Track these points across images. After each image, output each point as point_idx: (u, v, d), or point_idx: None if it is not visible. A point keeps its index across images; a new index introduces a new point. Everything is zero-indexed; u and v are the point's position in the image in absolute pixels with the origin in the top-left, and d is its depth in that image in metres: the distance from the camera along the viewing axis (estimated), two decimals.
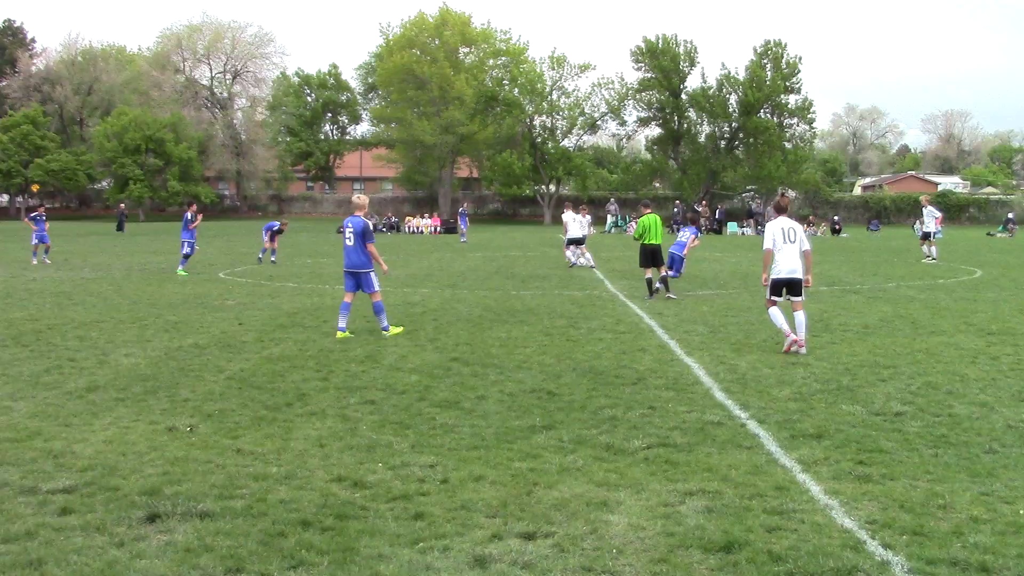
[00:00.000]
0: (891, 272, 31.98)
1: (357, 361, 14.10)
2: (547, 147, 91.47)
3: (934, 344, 15.86)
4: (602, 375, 12.99)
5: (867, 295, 24.06)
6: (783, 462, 8.79)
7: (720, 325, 18.07)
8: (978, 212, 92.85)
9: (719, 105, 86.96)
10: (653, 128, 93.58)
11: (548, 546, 6.71)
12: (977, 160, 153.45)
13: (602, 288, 25.84)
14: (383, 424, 10.24)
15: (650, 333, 17.05)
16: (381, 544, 6.74)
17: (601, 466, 8.63)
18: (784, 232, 15.12)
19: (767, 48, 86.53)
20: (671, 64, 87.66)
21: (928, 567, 6.33)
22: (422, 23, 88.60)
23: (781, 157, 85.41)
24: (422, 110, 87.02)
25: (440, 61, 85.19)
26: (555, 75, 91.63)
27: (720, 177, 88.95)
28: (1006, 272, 32.19)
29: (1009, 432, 9.91)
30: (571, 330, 17.30)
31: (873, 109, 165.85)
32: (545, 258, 38.75)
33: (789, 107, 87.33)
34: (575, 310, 20.39)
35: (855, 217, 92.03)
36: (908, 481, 8.20)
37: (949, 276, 30.40)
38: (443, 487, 8.03)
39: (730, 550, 6.61)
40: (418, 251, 46.09)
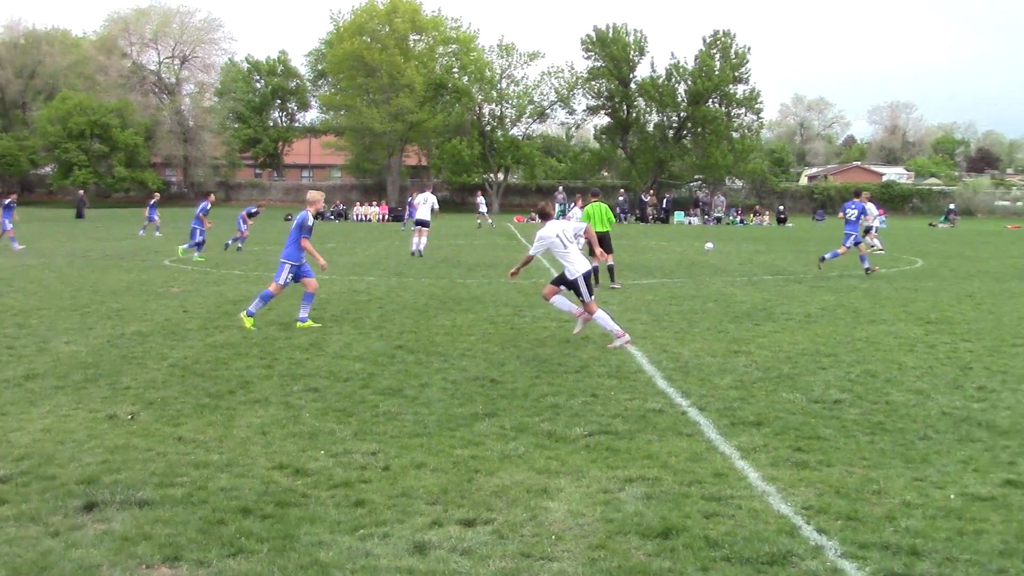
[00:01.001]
0: (834, 262, 32.30)
1: (301, 349, 14.06)
2: (496, 135, 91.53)
3: (874, 333, 16.06)
4: (545, 363, 13.04)
5: (810, 284, 24.32)
6: (723, 449, 8.88)
7: (664, 314, 18.20)
8: (921, 203, 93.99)
9: (668, 94, 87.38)
10: (602, 117, 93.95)
11: (488, 532, 6.75)
12: (921, 151, 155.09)
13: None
14: (326, 412, 10.23)
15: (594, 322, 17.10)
16: (321, 531, 6.74)
17: (542, 453, 8.67)
18: (563, 237, 14.91)
19: (716, 38, 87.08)
20: (621, 53, 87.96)
21: (860, 551, 6.44)
22: (372, 10, 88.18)
23: (728, 147, 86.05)
24: (371, 97, 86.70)
25: (390, 48, 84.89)
26: (504, 63, 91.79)
27: (668, 166, 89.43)
28: (946, 262, 32.66)
29: (943, 419, 10.07)
30: (516, 318, 17.36)
31: (820, 100, 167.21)
32: (492, 246, 38.76)
33: (737, 97, 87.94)
34: (520, 298, 20.45)
35: (801, 207, 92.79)
36: (844, 467, 8.32)
37: (891, 266, 30.81)
38: (384, 474, 8.04)
39: (668, 536, 6.68)
40: (365, 239, 45.94)
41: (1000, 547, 6.51)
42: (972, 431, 9.58)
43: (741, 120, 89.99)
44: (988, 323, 17.33)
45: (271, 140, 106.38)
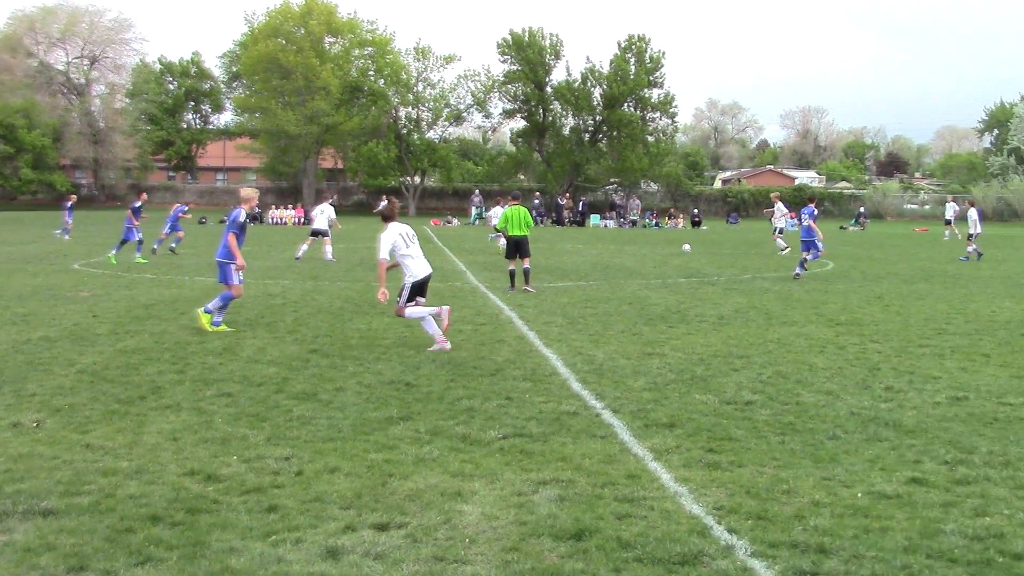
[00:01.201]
0: (748, 264, 32.73)
1: (215, 353, 13.90)
2: (412, 138, 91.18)
3: (785, 334, 16.29)
4: (460, 366, 13.04)
5: (723, 287, 24.59)
6: (636, 451, 8.94)
7: (579, 316, 18.28)
8: (832, 206, 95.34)
9: (583, 98, 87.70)
10: (518, 120, 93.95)
11: (401, 536, 6.73)
12: (832, 155, 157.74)
13: (464, 280, 25.92)
14: (239, 417, 10.12)
15: (509, 325, 17.17)
16: (232, 537, 6.67)
17: (457, 456, 8.67)
18: (404, 237, 14.86)
19: (631, 42, 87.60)
20: (536, 57, 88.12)
21: (770, 550, 6.53)
22: (287, 12, 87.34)
23: (643, 150, 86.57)
24: (287, 100, 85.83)
25: (305, 51, 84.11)
26: (421, 66, 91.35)
27: (584, 170, 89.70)
28: (856, 264, 33.23)
29: (852, 419, 10.24)
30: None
31: (734, 104, 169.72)
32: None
33: (652, 101, 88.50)
34: (436, 302, 20.35)
35: (715, 210, 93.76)
36: (755, 467, 8.43)
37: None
38: (298, 479, 7.98)
39: (580, 537, 6.71)
40: (280, 242, 45.53)
41: (904, 543, 6.64)
42: (879, 431, 9.75)
43: (656, 124, 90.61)
44: (896, 324, 17.67)
45: (184, 142, 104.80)
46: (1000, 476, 8.21)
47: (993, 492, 7.79)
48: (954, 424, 10.07)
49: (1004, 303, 21.29)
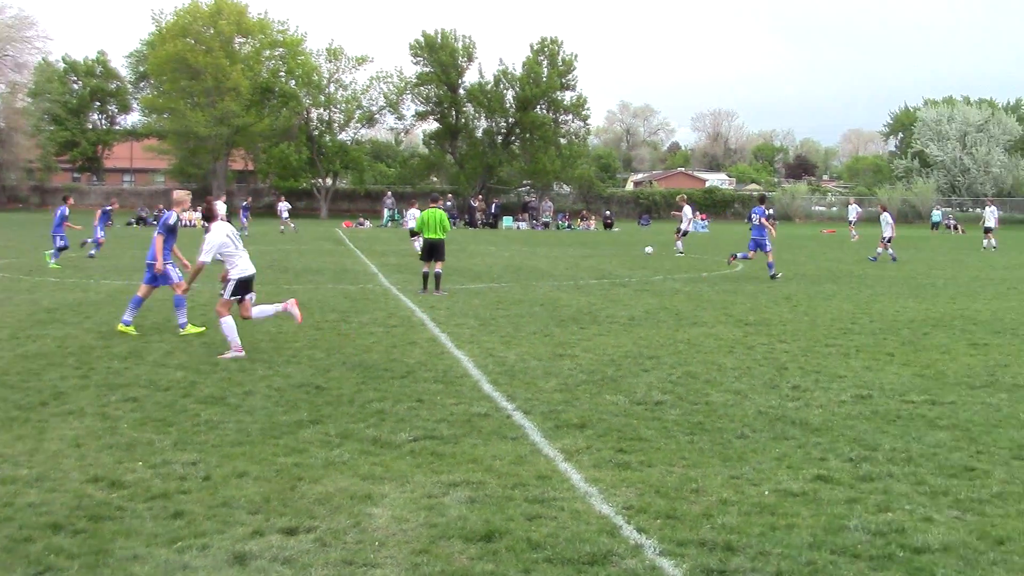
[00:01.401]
0: (659, 265, 33.00)
1: (120, 358, 13.65)
2: (324, 140, 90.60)
3: (695, 335, 16.44)
4: (371, 369, 12.97)
5: (635, 288, 24.77)
6: (546, 452, 8.96)
7: (491, 318, 18.28)
8: (742, 208, 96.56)
9: (496, 100, 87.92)
10: (431, 122, 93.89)
11: (310, 541, 6.66)
12: (742, 158, 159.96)
13: (376, 282, 25.80)
14: (145, 422, 9.95)
15: (421, 327, 17.11)
16: (137, 544, 6.55)
17: (367, 459, 8.61)
18: (231, 238, 14.57)
19: (543, 45, 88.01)
20: (449, 59, 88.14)
21: (678, 548, 6.57)
22: (196, 11, 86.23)
23: (556, 153, 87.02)
24: (196, 101, 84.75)
25: (215, 51, 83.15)
26: (332, 68, 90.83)
27: (496, 172, 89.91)
28: (765, 266, 33.61)
29: (760, 418, 10.37)
30: (342, 324, 17.20)
31: (646, 107, 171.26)
32: (320, 252, 38.37)
33: (564, 103, 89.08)
34: (347, 304, 20.28)
35: (627, 212, 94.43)
36: (665, 467, 8.48)
37: (712, 269, 31.61)
38: (205, 484, 7.86)
39: (491, 539, 6.70)
40: (190, 244, 44.85)
41: (810, 540, 6.73)
42: (786, 429, 9.89)
43: (568, 126, 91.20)
44: (803, 324, 17.93)
45: (90, 143, 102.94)
46: (902, 472, 8.37)
47: (896, 488, 7.93)
48: (859, 422, 10.24)
49: (908, 303, 21.72)
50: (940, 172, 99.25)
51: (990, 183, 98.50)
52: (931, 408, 10.95)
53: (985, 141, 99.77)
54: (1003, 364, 13.89)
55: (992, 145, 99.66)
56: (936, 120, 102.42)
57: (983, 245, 45.56)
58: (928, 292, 24.44)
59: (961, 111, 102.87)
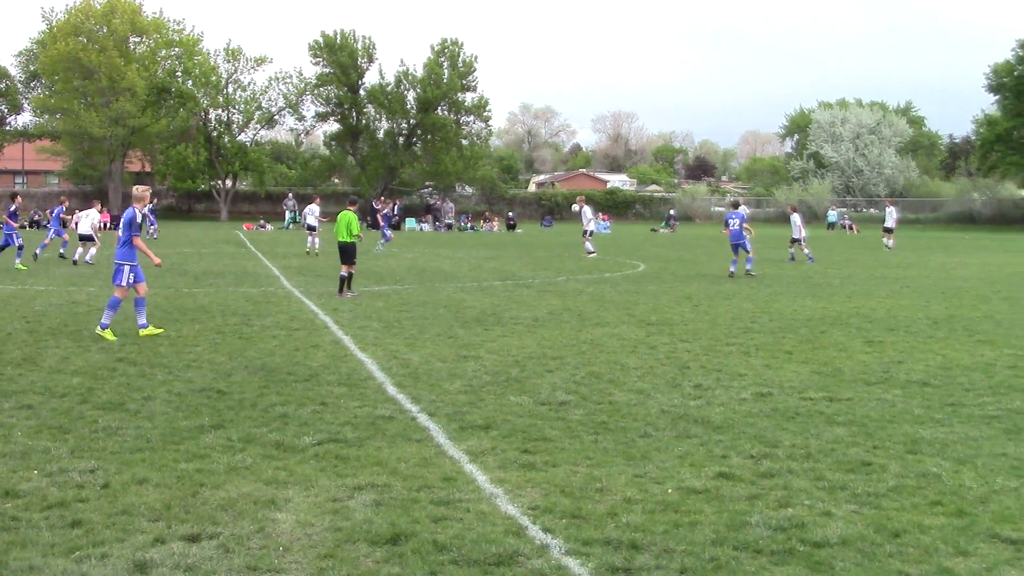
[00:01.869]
0: (562, 267, 33.17)
1: (14, 364, 13.33)
2: (223, 141, 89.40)
3: (599, 335, 16.56)
4: (274, 372, 12.85)
5: (538, 289, 24.87)
6: (451, 453, 8.96)
7: (394, 320, 18.22)
8: (643, 209, 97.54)
9: (397, 102, 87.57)
10: (332, 124, 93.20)
11: (213, 547, 6.58)
12: (643, 159, 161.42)
13: (278, 285, 25.55)
14: (40, 429, 9.73)
15: (324, 330, 16.99)
16: (33, 555, 6.40)
17: (270, 464, 8.53)
18: None
19: (444, 46, 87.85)
20: (349, 60, 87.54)
21: (584, 548, 6.62)
22: (88, 10, 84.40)
23: (458, 154, 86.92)
24: (90, 101, 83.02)
25: (109, 50, 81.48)
26: (231, 68, 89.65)
27: (399, 173, 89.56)
28: (667, 266, 34.05)
29: (663, 417, 10.49)
30: (244, 328, 17.01)
31: (547, 109, 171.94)
32: (220, 255, 37.89)
33: (466, 105, 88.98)
34: (249, 307, 20.06)
35: (530, 213, 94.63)
36: (569, 467, 8.54)
37: (615, 270, 31.86)
38: (104, 492, 7.72)
39: (397, 542, 6.69)
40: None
41: (712, 536, 6.82)
42: (689, 427, 10.01)
43: (470, 128, 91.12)
44: (704, 324, 18.17)
45: None
46: (802, 468, 8.52)
47: (796, 484, 8.07)
48: (759, 419, 10.42)
49: (806, 302, 22.12)
50: (835, 173, 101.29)
51: (883, 184, 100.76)
52: (829, 405, 11.18)
53: (877, 143, 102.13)
54: (897, 360, 14.22)
55: (884, 147, 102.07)
56: (830, 122, 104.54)
57: (885, 245, 46.47)
58: (825, 291, 24.92)
59: (854, 113, 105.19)
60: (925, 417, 10.61)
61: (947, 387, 12.30)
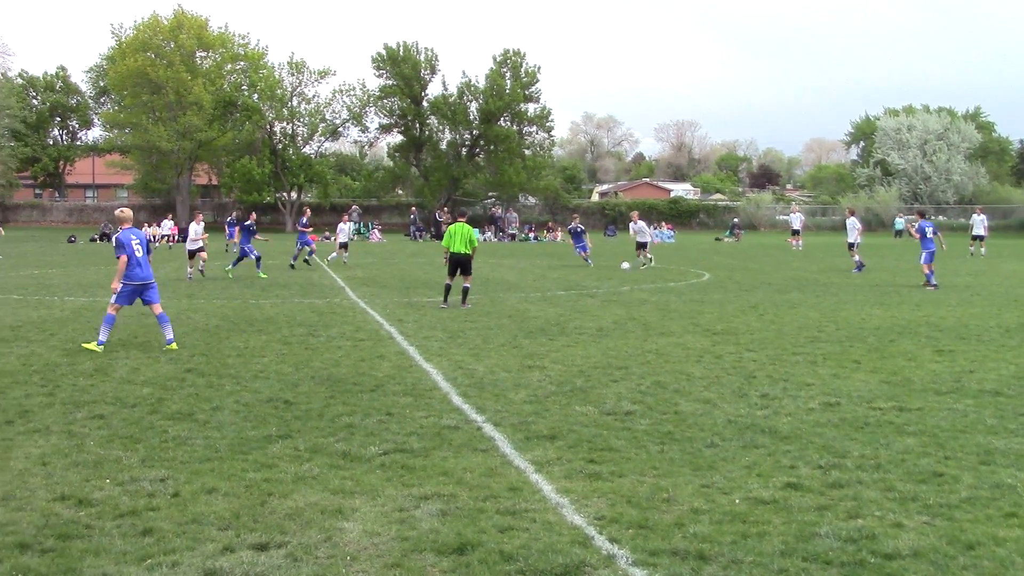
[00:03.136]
0: (626, 276, 33.05)
1: (86, 375, 13.55)
2: (288, 154, 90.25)
3: (664, 345, 16.49)
4: (340, 383, 12.92)
5: (602, 299, 24.81)
6: (517, 463, 8.96)
7: (459, 331, 18.26)
8: (707, 218, 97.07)
9: (460, 113, 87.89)
10: (395, 135, 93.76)
11: (281, 556, 6.62)
12: (706, 168, 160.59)
13: (343, 296, 25.71)
14: (112, 439, 9.88)
15: (389, 340, 17.07)
16: (106, 563, 6.49)
17: (337, 474, 8.58)
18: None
19: (506, 57, 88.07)
20: (412, 71, 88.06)
21: (651, 558, 6.58)
22: (156, 26, 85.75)
23: (521, 164, 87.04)
24: (158, 115, 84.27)
25: (176, 65, 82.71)
26: (295, 81, 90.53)
27: (462, 183, 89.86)
28: (732, 275, 33.81)
29: (729, 427, 10.41)
30: (310, 338, 17.14)
31: (609, 118, 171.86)
32: (286, 266, 38.21)
33: (528, 115, 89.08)
34: (315, 318, 20.21)
35: (593, 223, 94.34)
36: (635, 477, 8.50)
37: (679, 279, 31.70)
38: (174, 501, 7.81)
39: (463, 551, 6.69)
40: (154, 260, 44.57)
41: (781, 547, 6.75)
42: (756, 437, 9.93)
43: (533, 138, 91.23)
44: (771, 333, 18.02)
45: (51, 159, 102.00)
46: (871, 479, 8.41)
47: (865, 495, 7.97)
48: (827, 429, 10.30)
49: (873, 310, 21.87)
50: (902, 180, 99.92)
51: (951, 190, 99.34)
52: (899, 414, 11.03)
53: (945, 149, 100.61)
54: (968, 370, 14.00)
55: (952, 153, 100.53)
56: (896, 129, 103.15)
57: (970, 252, 45.96)
58: (893, 299, 24.62)
59: (921, 119, 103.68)
60: (998, 427, 10.44)
61: (1021, 397, 12.09)
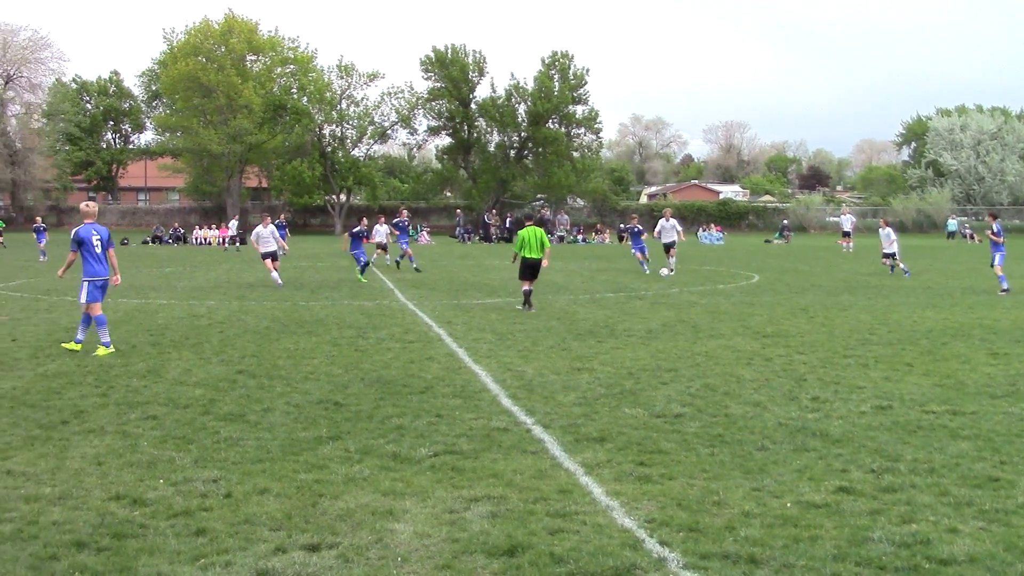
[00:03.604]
0: (674, 278, 32.92)
1: (139, 376, 13.70)
2: (337, 156, 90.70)
3: (713, 347, 16.41)
4: (390, 385, 12.98)
5: (651, 301, 24.73)
6: (567, 465, 8.95)
7: (508, 333, 18.27)
8: (756, 219, 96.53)
9: (508, 115, 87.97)
10: (443, 137, 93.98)
11: (333, 557, 6.67)
12: (755, 169, 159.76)
13: (392, 298, 25.81)
14: (165, 439, 9.98)
15: (438, 342, 17.11)
16: (160, 562, 6.57)
17: (387, 475, 8.62)
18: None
19: (555, 59, 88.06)
20: (460, 74, 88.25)
21: (702, 562, 6.56)
22: (207, 30, 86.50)
23: (570, 166, 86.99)
24: (209, 118, 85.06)
25: (226, 69, 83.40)
26: (344, 84, 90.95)
27: (510, 186, 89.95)
28: (781, 277, 33.60)
29: (780, 429, 10.34)
30: (360, 340, 17.22)
31: (658, 120, 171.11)
32: (336, 268, 38.41)
33: (576, 117, 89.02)
34: (364, 320, 20.30)
35: (641, 225, 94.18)
36: (686, 480, 8.47)
37: (729, 281, 31.55)
38: (226, 501, 7.88)
39: (513, 553, 6.70)
40: (205, 262, 45.08)
41: (834, 552, 6.70)
42: (807, 441, 9.86)
43: (581, 140, 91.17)
44: (821, 335, 17.89)
45: (104, 163, 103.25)
46: (925, 483, 8.34)
47: (919, 499, 7.90)
48: (879, 433, 10.21)
49: (926, 313, 21.65)
50: (955, 181, 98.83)
51: (1006, 192, 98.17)
52: (952, 418, 10.92)
53: (999, 149, 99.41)
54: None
55: (1007, 153, 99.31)
56: (949, 129, 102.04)
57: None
58: (946, 302, 24.37)
59: (974, 120, 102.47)
60: None
61: None
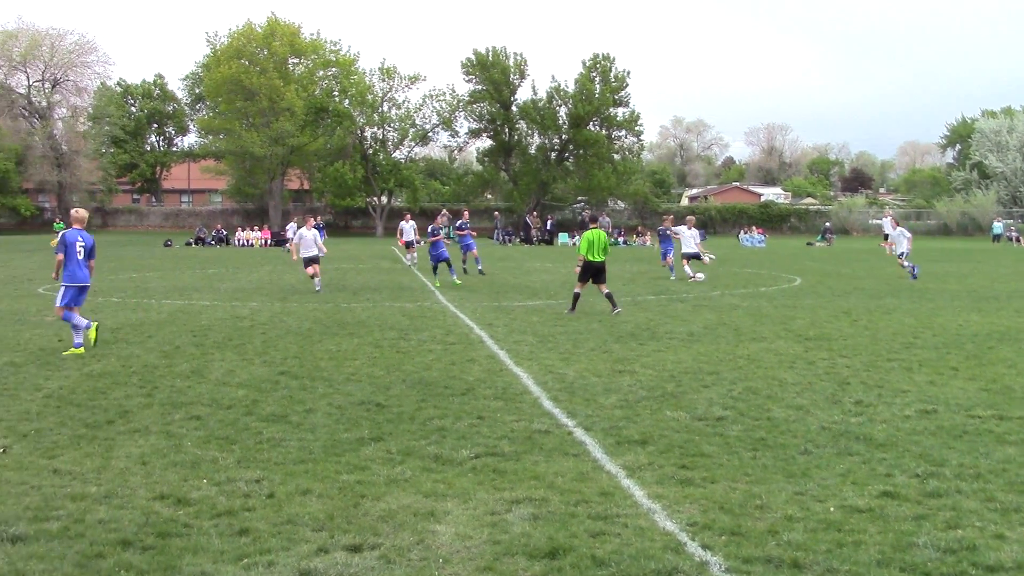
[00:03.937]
0: (716, 281, 32.79)
1: (182, 376, 13.80)
2: (378, 158, 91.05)
3: (755, 350, 16.34)
4: (431, 386, 13.01)
5: (693, 303, 24.65)
6: (608, 468, 8.94)
7: (549, 335, 18.26)
8: (798, 222, 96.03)
9: (549, 117, 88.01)
10: (484, 140, 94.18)
11: (374, 558, 6.69)
12: (797, 172, 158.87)
13: (433, 300, 25.87)
14: (208, 440, 10.05)
15: (480, 344, 17.14)
16: (204, 561, 6.61)
17: (429, 476, 8.64)
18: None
19: (596, 62, 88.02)
20: (501, 76, 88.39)
21: (744, 566, 6.53)
22: (250, 33, 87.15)
23: (611, 169, 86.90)
24: (251, 121, 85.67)
25: (269, 72, 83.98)
26: (385, 86, 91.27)
27: (551, 188, 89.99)
28: (824, 280, 33.37)
29: (823, 433, 10.28)
30: (401, 342, 17.27)
31: (699, 122, 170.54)
32: (377, 270, 38.57)
33: (617, 120, 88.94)
34: (406, 322, 20.36)
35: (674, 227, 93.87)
36: (728, 483, 8.43)
37: (771, 284, 31.39)
38: (269, 502, 7.93)
39: (555, 556, 6.69)
40: (247, 264, 45.36)
41: (878, 557, 6.65)
42: (850, 445, 9.79)
43: (622, 142, 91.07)
44: (864, 339, 17.76)
45: (148, 165, 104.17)
46: (971, 488, 8.25)
47: (965, 505, 7.82)
48: (924, 437, 10.13)
49: (971, 316, 21.45)
50: (1000, 184, 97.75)
51: None
52: (999, 423, 10.81)
53: None
54: None
55: None
56: (995, 131, 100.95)
57: None
58: (992, 305, 24.13)
59: (1021, 121, 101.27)
60: None
61: None
